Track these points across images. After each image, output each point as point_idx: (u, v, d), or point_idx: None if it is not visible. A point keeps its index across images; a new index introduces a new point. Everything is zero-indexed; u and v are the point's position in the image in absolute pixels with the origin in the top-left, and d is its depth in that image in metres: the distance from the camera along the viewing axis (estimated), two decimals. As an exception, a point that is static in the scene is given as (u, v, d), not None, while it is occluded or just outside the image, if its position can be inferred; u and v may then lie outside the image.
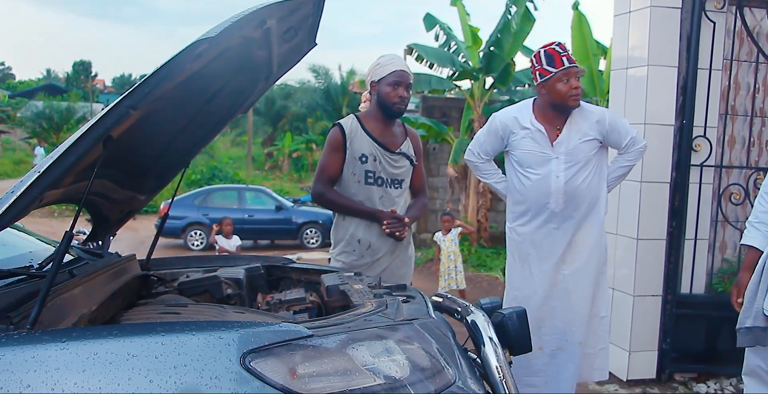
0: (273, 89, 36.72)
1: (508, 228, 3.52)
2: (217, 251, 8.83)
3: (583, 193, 3.33)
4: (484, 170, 3.60)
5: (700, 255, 4.35)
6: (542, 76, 3.27)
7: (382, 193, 3.41)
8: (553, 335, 3.37)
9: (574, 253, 3.38)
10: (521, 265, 3.43)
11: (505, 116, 3.42)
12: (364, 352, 1.65)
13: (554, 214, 3.32)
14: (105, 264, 2.34)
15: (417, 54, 11.11)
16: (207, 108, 2.63)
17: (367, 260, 3.35)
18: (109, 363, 1.41)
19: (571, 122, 3.33)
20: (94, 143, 1.67)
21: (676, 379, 4.40)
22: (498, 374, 1.98)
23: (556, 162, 3.29)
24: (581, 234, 3.38)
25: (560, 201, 3.30)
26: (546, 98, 3.31)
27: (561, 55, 3.24)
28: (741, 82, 4.45)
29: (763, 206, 3.06)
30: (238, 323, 1.65)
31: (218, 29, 1.74)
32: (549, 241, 3.36)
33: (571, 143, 3.31)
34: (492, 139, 3.46)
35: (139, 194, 2.90)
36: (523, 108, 3.42)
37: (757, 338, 2.91)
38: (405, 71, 3.38)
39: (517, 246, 3.44)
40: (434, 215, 13.05)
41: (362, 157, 3.38)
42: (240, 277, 2.65)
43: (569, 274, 3.38)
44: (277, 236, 16.35)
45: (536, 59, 3.31)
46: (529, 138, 3.32)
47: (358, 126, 3.43)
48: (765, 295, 2.86)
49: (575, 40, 11.12)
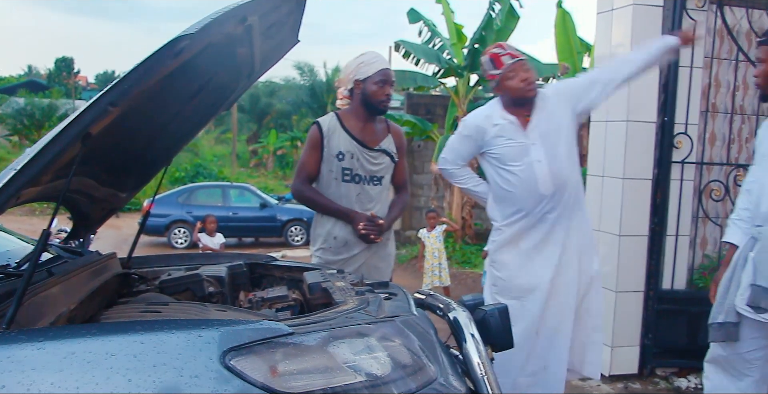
0: (258, 86, 36.70)
1: (499, 226, 3.44)
2: (200, 248, 8.81)
3: (567, 175, 3.33)
4: (460, 176, 3.57)
5: (682, 251, 4.39)
6: (492, 81, 3.33)
7: (359, 190, 3.44)
8: (553, 322, 3.34)
9: (571, 235, 3.36)
10: (518, 254, 3.36)
11: (476, 118, 3.44)
12: (345, 349, 1.64)
13: (546, 199, 3.29)
14: (84, 263, 2.32)
15: (405, 50, 11.11)
16: (189, 105, 2.61)
17: (344, 256, 3.41)
18: (87, 363, 1.40)
19: (537, 108, 3.35)
20: (72, 141, 1.65)
21: (658, 374, 4.44)
22: (480, 370, 1.98)
23: (534, 148, 3.29)
24: (574, 215, 3.37)
25: (549, 185, 3.28)
26: (507, 98, 3.35)
27: (501, 55, 3.28)
28: (721, 80, 4.48)
29: (743, 203, 3.08)
30: (218, 321, 1.64)
31: (199, 25, 1.73)
32: (547, 226, 3.33)
33: (543, 126, 3.32)
34: (467, 143, 3.44)
35: (121, 192, 2.87)
36: (492, 106, 3.44)
37: (728, 334, 2.94)
38: (390, 69, 3.42)
39: (512, 239, 3.37)
40: (419, 212, 13.08)
41: (339, 154, 3.41)
42: (222, 275, 2.63)
43: (573, 258, 3.36)
44: (261, 233, 16.34)
45: (482, 69, 3.39)
46: (503, 132, 3.32)
47: (337, 124, 3.46)
48: (737, 291, 2.89)
49: (559, 37, 11.17)
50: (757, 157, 3.00)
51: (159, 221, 14.77)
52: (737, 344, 2.97)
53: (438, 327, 2.16)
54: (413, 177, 13.23)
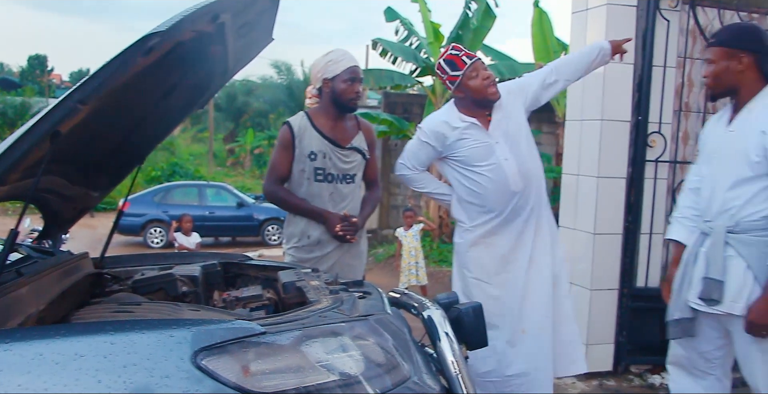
0: (234, 85, 36.53)
1: (469, 227, 3.42)
2: (176, 248, 8.76)
3: (533, 170, 3.37)
4: (420, 181, 3.55)
5: (655, 249, 4.42)
6: (453, 83, 3.31)
7: (332, 189, 3.44)
8: (536, 317, 3.35)
9: (542, 229, 3.41)
10: (490, 252, 3.36)
11: (434, 123, 3.41)
12: (318, 348, 1.64)
13: (517, 195, 3.31)
14: (55, 263, 2.29)
15: (382, 48, 11.12)
16: (162, 103, 2.59)
17: (317, 254, 3.42)
18: (55, 364, 1.38)
19: (495, 107, 3.36)
20: (40, 139, 1.63)
21: (632, 371, 4.47)
22: (454, 369, 1.98)
23: (499, 147, 3.31)
24: (541, 209, 3.41)
25: (519, 181, 3.30)
26: (467, 100, 3.33)
27: (459, 56, 3.29)
28: (694, 80, 4.52)
29: (687, 201, 3.13)
30: (189, 320, 1.63)
31: (169, 23, 1.72)
32: (520, 222, 3.35)
33: (504, 125, 3.35)
34: (425, 149, 3.41)
35: (92, 191, 2.84)
36: (448, 111, 3.43)
37: (685, 330, 2.99)
38: (358, 66, 3.42)
39: (482, 237, 3.37)
40: (396, 211, 13.09)
41: (311, 154, 3.41)
42: (195, 274, 2.62)
43: (546, 252, 3.40)
44: (238, 232, 16.27)
45: (441, 71, 3.35)
46: (465, 135, 3.31)
47: (307, 123, 3.45)
48: (689, 287, 2.93)
49: (536, 37, 11.24)
50: (703, 156, 3.05)
51: (134, 220, 14.66)
52: (697, 344, 3.01)
53: (413, 326, 2.16)
54: (390, 176, 13.22)
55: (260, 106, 36.99)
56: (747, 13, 4.53)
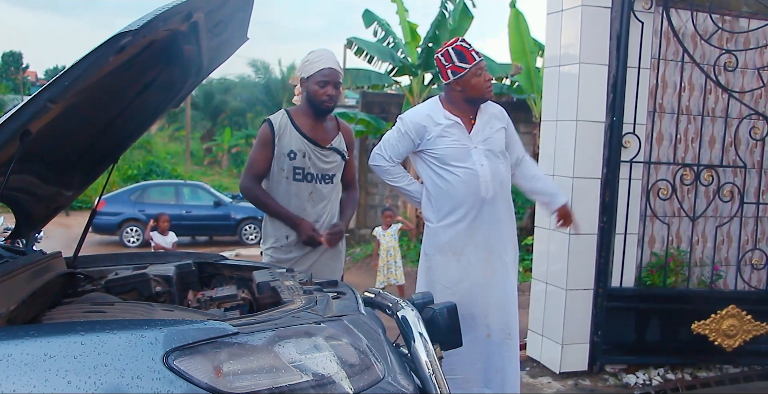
0: (212, 84, 36.33)
1: (435, 227, 3.41)
2: (152, 247, 8.70)
3: (504, 179, 3.40)
4: (395, 174, 3.50)
5: (630, 249, 4.46)
6: (456, 74, 3.28)
7: (312, 189, 3.42)
8: (500, 324, 3.38)
9: (506, 240, 3.42)
10: (457, 259, 3.36)
11: (417, 116, 3.39)
12: (291, 349, 1.63)
13: (486, 202, 3.32)
14: (26, 262, 2.26)
15: (357, 47, 11.12)
16: (136, 102, 2.57)
17: (295, 255, 3.40)
18: (24, 364, 1.37)
19: (480, 113, 3.39)
20: (9, 138, 1.61)
21: (607, 370, 4.51)
22: (428, 369, 1.99)
23: (476, 152, 3.32)
24: (508, 220, 3.44)
25: (490, 189, 3.31)
26: (461, 94, 3.32)
27: (470, 50, 3.28)
28: (668, 81, 4.56)
29: None
30: (161, 321, 1.62)
31: (141, 22, 1.71)
32: (485, 230, 3.35)
33: (486, 132, 3.36)
34: (405, 141, 3.38)
35: (65, 190, 2.81)
36: (433, 106, 3.41)
37: None
38: (333, 69, 3.36)
39: (449, 243, 3.37)
40: (373, 211, 13.10)
41: (291, 153, 3.38)
42: (170, 274, 2.60)
43: (508, 261, 3.42)
44: (215, 232, 16.21)
45: (445, 57, 3.30)
46: (447, 133, 3.31)
47: (288, 122, 3.42)
48: None
49: (513, 37, 11.29)
50: None
51: (110, 219, 14.56)
52: None
53: (388, 326, 2.16)
54: (368, 176, 13.23)
55: (238, 105, 36.83)
56: (719, 15, 4.58)
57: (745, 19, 4.70)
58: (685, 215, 4.63)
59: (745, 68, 4.73)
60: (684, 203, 4.61)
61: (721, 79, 4.59)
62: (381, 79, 11.35)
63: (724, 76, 4.63)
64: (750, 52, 4.72)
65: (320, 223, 3.42)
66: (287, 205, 3.41)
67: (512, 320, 3.41)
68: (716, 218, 4.75)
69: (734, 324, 4.42)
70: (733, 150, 4.70)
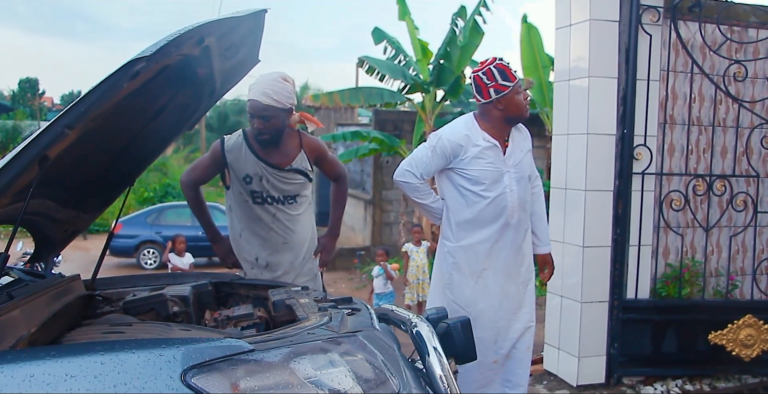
0: (225, 105, 36.58)
1: (454, 247, 3.36)
2: (170, 269, 8.73)
3: (527, 204, 3.38)
4: (423, 191, 3.40)
5: (644, 261, 4.45)
6: (499, 92, 3.19)
7: (275, 211, 3.39)
8: (507, 348, 3.37)
9: (523, 262, 3.41)
10: (474, 281, 3.32)
11: (455, 135, 3.27)
12: (306, 365, 1.66)
13: (510, 227, 3.30)
14: (46, 285, 2.31)
15: (368, 66, 11.18)
16: (151, 126, 2.62)
17: (268, 277, 3.37)
18: (46, 385, 1.40)
19: (513, 135, 3.35)
20: (28, 164, 1.66)
21: (625, 382, 4.49)
22: (442, 383, 2.00)
23: (508, 176, 3.27)
24: (526, 243, 3.42)
25: (515, 214, 3.29)
26: (502, 113, 3.24)
27: (510, 68, 3.23)
28: (678, 92, 4.58)
29: None
30: (178, 339, 1.64)
31: (154, 48, 1.76)
32: (505, 253, 3.32)
33: (517, 155, 3.32)
34: (438, 159, 3.27)
35: (83, 213, 2.86)
36: (470, 125, 3.30)
37: None
38: (255, 101, 3.22)
39: (468, 263, 3.32)
40: (389, 228, 13.12)
41: (246, 177, 3.34)
42: (186, 294, 2.64)
43: (522, 282, 3.39)
44: (231, 252, 16.15)
45: (488, 76, 3.20)
46: (483, 155, 3.24)
47: (242, 144, 3.38)
48: None
49: (525, 52, 11.34)
50: None
51: (127, 241, 14.60)
52: None
53: (403, 342, 2.18)
54: (382, 193, 13.26)
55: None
56: (728, 26, 4.60)
57: (754, 30, 4.72)
58: (699, 226, 4.62)
59: (755, 78, 4.74)
60: (697, 213, 4.60)
61: (731, 90, 4.60)
62: (393, 97, 11.38)
63: (734, 86, 4.65)
64: (759, 62, 4.74)
65: (304, 251, 3.45)
66: (252, 228, 3.38)
67: (521, 340, 3.41)
68: (730, 227, 4.74)
69: (751, 334, 4.40)
70: (745, 159, 4.70)
